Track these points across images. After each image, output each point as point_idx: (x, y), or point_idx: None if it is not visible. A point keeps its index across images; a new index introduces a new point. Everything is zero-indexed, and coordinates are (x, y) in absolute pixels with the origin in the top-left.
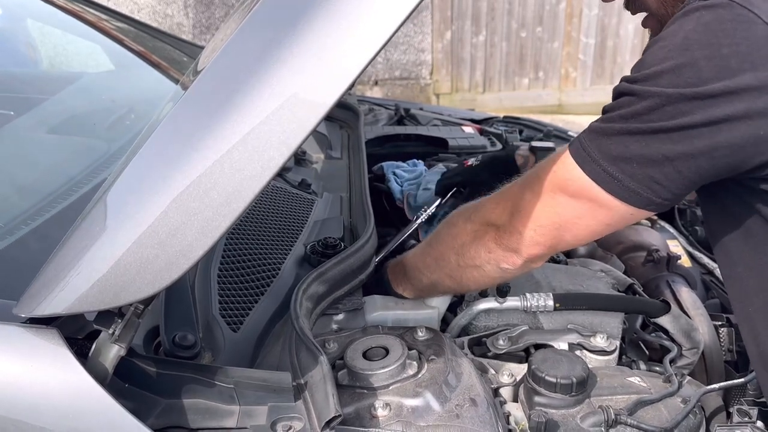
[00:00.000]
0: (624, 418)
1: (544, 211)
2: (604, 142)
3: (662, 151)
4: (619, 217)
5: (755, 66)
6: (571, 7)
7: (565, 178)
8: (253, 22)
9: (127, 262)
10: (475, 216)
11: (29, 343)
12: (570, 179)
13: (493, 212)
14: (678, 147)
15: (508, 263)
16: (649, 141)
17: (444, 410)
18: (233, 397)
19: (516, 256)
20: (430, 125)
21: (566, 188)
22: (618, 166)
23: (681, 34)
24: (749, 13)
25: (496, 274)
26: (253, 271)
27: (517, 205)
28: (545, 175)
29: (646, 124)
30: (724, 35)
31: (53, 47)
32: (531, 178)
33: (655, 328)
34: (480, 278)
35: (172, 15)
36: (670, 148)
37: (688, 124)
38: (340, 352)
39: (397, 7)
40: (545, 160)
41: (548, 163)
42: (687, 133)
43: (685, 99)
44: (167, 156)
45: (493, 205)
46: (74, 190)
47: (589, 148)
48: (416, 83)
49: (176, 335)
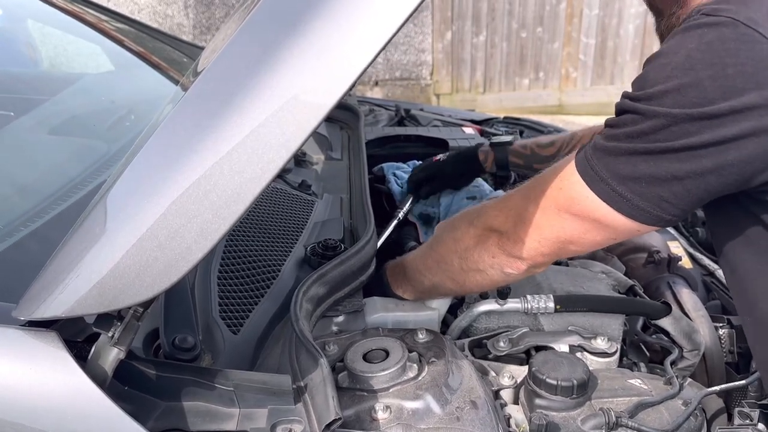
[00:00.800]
0: (625, 420)
1: (549, 226)
2: (611, 162)
3: (671, 170)
4: (626, 233)
5: (760, 85)
6: (571, 8)
7: (571, 196)
8: (253, 24)
9: (127, 265)
10: (477, 221)
11: (28, 346)
12: (576, 198)
13: (496, 219)
14: (686, 166)
15: (512, 268)
16: (657, 161)
17: (444, 413)
18: (233, 399)
19: (520, 262)
20: (430, 126)
21: (572, 207)
22: (627, 186)
23: (683, 52)
24: (754, 33)
25: (499, 278)
26: (252, 273)
27: (521, 215)
28: (549, 190)
29: (654, 144)
30: (728, 55)
31: (53, 48)
32: (535, 190)
33: (656, 329)
34: (483, 281)
35: (173, 15)
36: (678, 167)
37: (695, 144)
38: (341, 354)
39: (397, 8)
40: (548, 171)
41: (551, 176)
42: (695, 153)
43: (691, 119)
44: (167, 158)
45: (496, 212)
46: (74, 191)
47: (597, 167)
48: (416, 84)
49: (176, 338)
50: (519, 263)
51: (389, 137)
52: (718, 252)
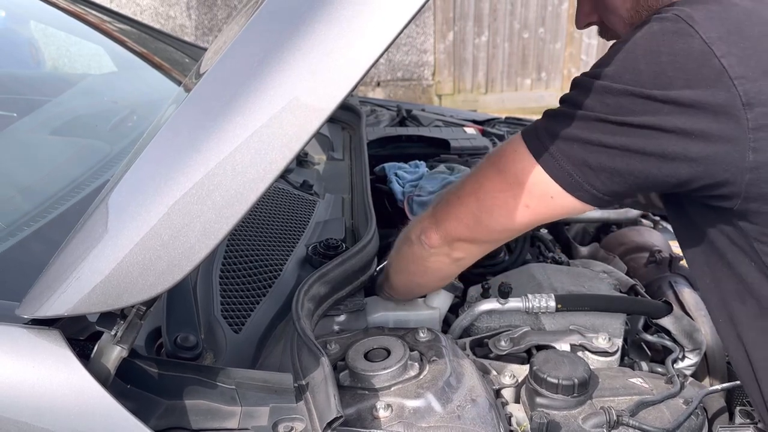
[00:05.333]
0: (626, 419)
1: (471, 179)
2: (551, 123)
3: (601, 139)
4: (541, 196)
5: (691, 83)
6: (573, 8)
7: (504, 149)
8: (256, 25)
9: (130, 264)
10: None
11: (32, 344)
12: (509, 153)
13: (437, 204)
14: (614, 139)
15: (428, 237)
16: (590, 128)
17: (445, 411)
18: (235, 398)
19: (435, 230)
20: (431, 126)
21: (501, 158)
22: (557, 146)
23: (631, 39)
24: (690, 28)
25: (423, 252)
26: (254, 272)
27: (456, 186)
28: (493, 152)
29: (591, 112)
30: (665, 44)
31: (56, 49)
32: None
33: (657, 329)
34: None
35: (175, 17)
36: (607, 138)
37: (626, 120)
38: (342, 353)
39: (399, 11)
40: None
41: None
42: (625, 129)
43: (625, 94)
44: (170, 158)
45: (437, 198)
46: (77, 191)
47: (539, 127)
48: (418, 84)
49: (178, 336)
50: (433, 232)
51: (391, 137)
52: (685, 257)
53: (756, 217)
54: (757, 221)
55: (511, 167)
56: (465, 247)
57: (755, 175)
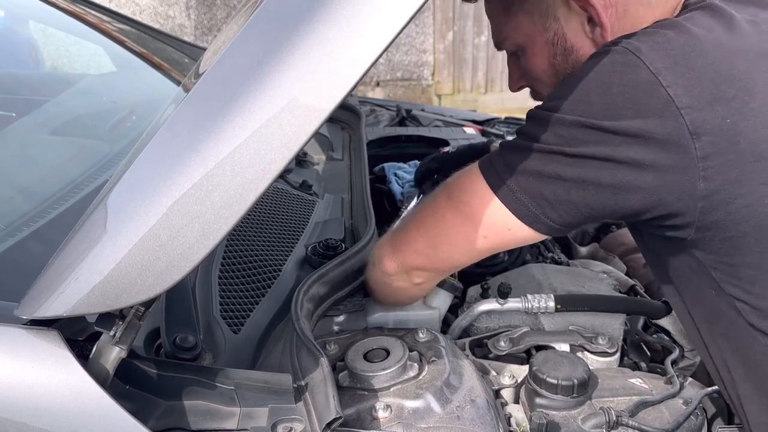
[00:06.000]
0: (625, 419)
1: (429, 210)
2: (508, 155)
3: (557, 171)
4: (499, 229)
5: (641, 113)
6: None
7: (461, 184)
8: (255, 25)
9: (129, 265)
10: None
11: (30, 345)
12: (465, 186)
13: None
14: (570, 170)
15: (384, 266)
16: (546, 160)
17: (445, 412)
18: (234, 398)
19: (392, 258)
20: (431, 126)
21: (457, 195)
22: (515, 179)
23: (582, 71)
24: (637, 59)
25: (384, 278)
26: (253, 273)
27: (415, 213)
28: (451, 183)
29: (546, 145)
30: (615, 76)
31: (55, 49)
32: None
33: (656, 329)
34: (392, 294)
35: (174, 16)
36: (563, 169)
37: (579, 152)
38: (341, 353)
39: (398, 11)
40: None
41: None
42: (578, 161)
43: (578, 125)
44: (169, 158)
45: (399, 223)
46: (76, 191)
47: (495, 159)
48: (418, 84)
49: (177, 337)
50: (390, 260)
51: (390, 137)
52: (655, 278)
53: (710, 246)
54: (711, 250)
55: (469, 200)
56: (424, 275)
57: (707, 203)
